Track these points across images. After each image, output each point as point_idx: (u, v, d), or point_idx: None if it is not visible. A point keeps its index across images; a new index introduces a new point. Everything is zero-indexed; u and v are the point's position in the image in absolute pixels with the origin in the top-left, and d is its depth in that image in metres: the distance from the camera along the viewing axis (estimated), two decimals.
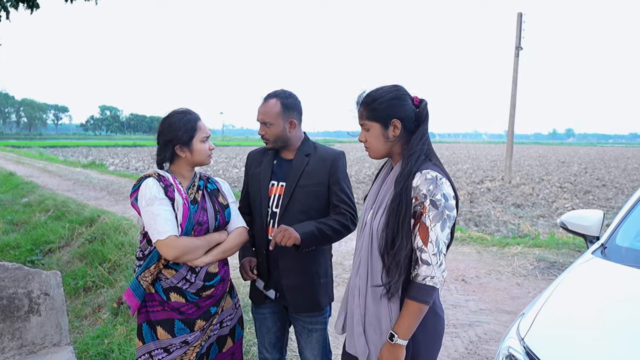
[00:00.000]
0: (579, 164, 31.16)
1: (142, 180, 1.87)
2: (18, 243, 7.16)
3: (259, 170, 2.19)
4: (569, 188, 16.01)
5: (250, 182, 2.24)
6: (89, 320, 4.68)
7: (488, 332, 3.77)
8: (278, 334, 2.28)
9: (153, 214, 1.79)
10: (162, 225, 1.78)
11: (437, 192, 1.48)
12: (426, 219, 1.48)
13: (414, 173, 1.53)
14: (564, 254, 6.04)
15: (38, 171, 17.22)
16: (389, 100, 1.59)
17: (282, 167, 2.16)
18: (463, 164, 29.12)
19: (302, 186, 2.07)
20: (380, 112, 1.60)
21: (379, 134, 1.62)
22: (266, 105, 2.08)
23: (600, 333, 1.70)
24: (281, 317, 2.26)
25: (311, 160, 2.12)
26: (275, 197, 2.11)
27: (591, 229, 2.61)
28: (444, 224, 1.48)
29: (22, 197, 10.79)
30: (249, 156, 2.30)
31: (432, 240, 1.47)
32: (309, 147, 2.17)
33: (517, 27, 17.90)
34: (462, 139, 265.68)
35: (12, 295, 2.39)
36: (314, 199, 2.08)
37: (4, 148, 38.79)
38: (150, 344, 1.88)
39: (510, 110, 18.38)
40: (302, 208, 2.06)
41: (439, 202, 1.48)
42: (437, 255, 1.47)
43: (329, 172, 2.10)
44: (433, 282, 1.47)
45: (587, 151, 65.14)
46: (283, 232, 1.86)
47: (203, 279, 1.91)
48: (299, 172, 2.09)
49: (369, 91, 1.66)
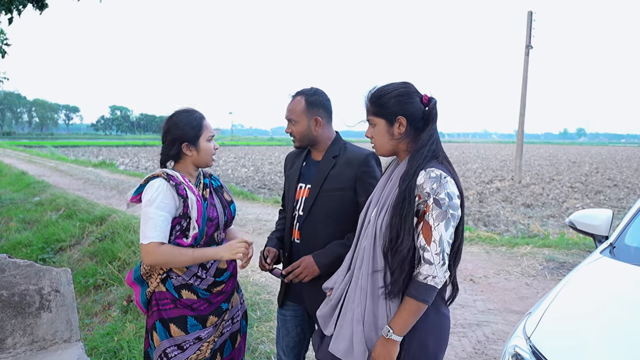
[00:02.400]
0: (590, 163, 30.83)
1: (151, 180, 1.86)
2: (30, 241, 7.25)
3: (291, 172, 2.19)
4: (580, 188, 15.85)
5: (285, 183, 2.25)
6: (99, 318, 4.74)
7: (496, 332, 3.75)
8: (297, 338, 2.23)
9: (147, 216, 1.79)
10: (150, 230, 1.77)
11: (441, 190, 1.46)
12: (429, 217, 1.46)
13: (419, 171, 1.51)
14: (574, 254, 5.99)
15: (49, 170, 17.42)
16: (396, 96, 1.58)
17: (309, 168, 2.12)
18: (472, 164, 28.95)
19: (327, 190, 2.00)
20: (386, 109, 1.59)
21: (384, 131, 1.61)
22: (292, 103, 2.07)
23: (607, 332, 1.69)
24: (302, 322, 2.22)
25: (338, 162, 2.04)
26: (301, 200, 2.07)
27: (600, 229, 2.59)
28: (448, 224, 1.46)
29: (34, 196, 10.93)
30: (286, 158, 2.30)
31: (436, 239, 1.44)
32: (337, 148, 2.08)
33: (528, 25, 17.78)
34: (472, 139, 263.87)
35: (23, 291, 2.43)
36: (340, 204, 1.99)
37: (17, 148, 39.30)
38: (164, 342, 1.88)
39: (520, 109, 18.25)
40: (327, 212, 2.00)
41: (443, 201, 1.45)
42: (439, 254, 1.45)
43: (356, 177, 1.99)
44: (434, 281, 1.45)
45: (598, 151, 64.42)
46: (301, 271, 1.93)
47: (214, 274, 1.92)
48: (324, 176, 2.02)
49: (378, 87, 1.64)
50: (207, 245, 1.93)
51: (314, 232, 2.03)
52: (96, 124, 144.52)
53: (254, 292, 4.40)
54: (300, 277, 1.95)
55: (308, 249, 2.02)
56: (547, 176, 20.49)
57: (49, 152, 31.80)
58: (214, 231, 1.95)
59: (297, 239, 2.08)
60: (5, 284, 2.37)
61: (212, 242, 1.95)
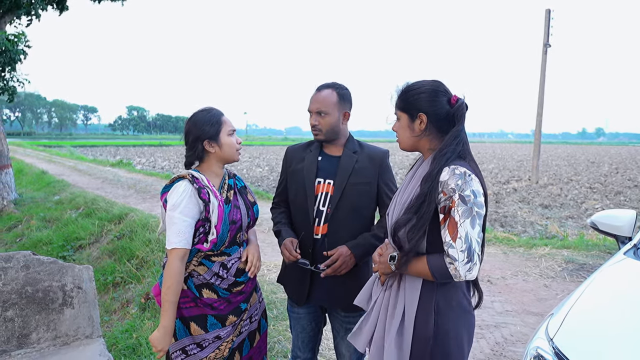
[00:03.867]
0: (610, 164, 30.24)
1: (176, 182, 1.87)
2: (50, 239, 7.39)
3: (302, 166, 2.13)
4: (599, 189, 15.57)
5: (291, 178, 2.18)
6: (117, 315, 4.81)
7: (514, 333, 3.71)
8: (312, 333, 2.25)
9: (171, 221, 1.82)
10: (174, 235, 1.80)
11: (466, 187, 1.44)
12: (455, 213, 1.44)
13: (443, 168, 1.50)
14: (594, 255, 5.90)
15: (69, 170, 17.73)
16: (420, 93, 1.59)
17: (328, 163, 2.11)
18: (488, 164, 28.64)
19: (353, 184, 2.03)
20: (410, 104, 1.60)
21: (406, 125, 1.63)
22: (322, 95, 2.06)
23: (631, 335, 1.66)
24: (316, 317, 2.24)
25: (360, 157, 2.08)
26: (322, 195, 2.07)
27: (623, 229, 2.55)
28: (474, 221, 1.44)
29: (54, 194, 11.14)
30: (289, 152, 2.25)
31: (461, 236, 1.42)
32: (354, 144, 2.13)
33: (546, 24, 17.52)
34: (488, 139, 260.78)
35: (47, 288, 2.48)
36: (365, 198, 2.05)
37: (37, 147, 40.05)
38: (184, 339, 1.90)
39: (538, 109, 17.99)
40: (352, 206, 2.03)
41: (468, 198, 1.44)
42: (464, 252, 1.42)
43: (379, 171, 2.08)
44: (454, 273, 1.44)
45: (618, 151, 63.20)
46: (340, 264, 1.95)
47: (234, 274, 1.94)
48: (349, 170, 2.04)
49: (410, 82, 1.65)
50: (230, 245, 1.94)
51: (342, 227, 2.04)
52: (113, 124, 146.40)
53: (270, 291, 4.42)
54: (338, 271, 1.98)
55: (337, 244, 2.02)
56: (565, 176, 20.16)
57: (68, 152, 32.36)
58: (236, 233, 1.96)
59: (320, 235, 2.06)
60: (30, 280, 2.43)
61: (234, 243, 1.96)
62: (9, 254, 2.38)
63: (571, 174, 21.80)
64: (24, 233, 8.23)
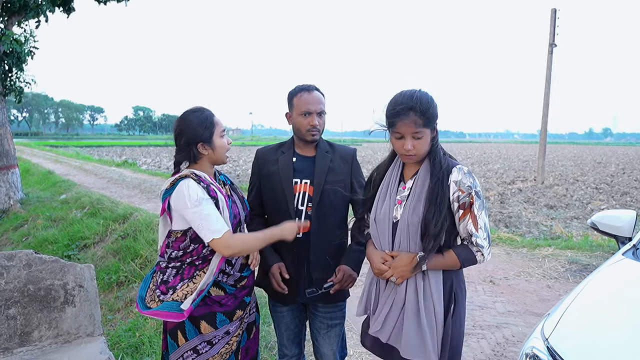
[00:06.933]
0: (617, 164, 29.99)
1: (179, 181, 1.84)
2: (56, 238, 7.46)
3: (276, 168, 2.14)
4: (605, 189, 15.44)
5: (265, 181, 2.17)
6: (121, 314, 4.85)
7: (516, 334, 3.70)
8: (296, 330, 2.30)
9: (203, 214, 1.77)
10: (214, 223, 1.77)
11: (476, 183, 1.67)
12: (474, 208, 1.65)
13: (450, 168, 1.68)
14: (598, 256, 5.87)
15: (75, 170, 17.85)
16: (434, 106, 1.67)
17: (304, 164, 2.15)
18: (494, 164, 28.51)
19: (330, 183, 2.10)
20: (432, 119, 1.66)
21: (428, 140, 1.69)
22: (317, 95, 2.09)
23: (627, 335, 1.66)
24: (299, 314, 2.28)
25: (333, 157, 2.16)
26: (300, 195, 2.10)
27: (623, 230, 2.54)
28: (485, 212, 1.68)
29: (60, 194, 11.22)
30: (259, 155, 2.24)
31: (482, 226, 1.66)
32: (325, 144, 2.20)
33: (551, 23, 17.41)
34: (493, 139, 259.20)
35: (49, 286, 2.51)
36: (340, 196, 2.11)
37: (44, 147, 40.33)
38: (194, 339, 1.90)
39: (544, 109, 17.88)
40: (331, 204, 2.11)
41: (480, 193, 1.67)
42: (486, 239, 1.67)
43: (351, 169, 2.19)
44: (480, 258, 1.68)
45: (625, 151, 62.66)
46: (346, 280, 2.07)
47: (239, 269, 1.97)
48: (325, 169, 2.11)
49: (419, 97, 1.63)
50: None
51: (324, 225, 2.10)
52: (120, 124, 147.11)
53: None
54: (346, 285, 2.11)
55: (320, 241, 2.09)
56: (571, 177, 20.03)
57: (74, 152, 32.56)
58: (237, 227, 1.98)
59: (301, 234, 2.09)
60: (32, 279, 2.46)
61: None
62: (12, 253, 2.40)
63: (577, 174, 21.65)
64: (30, 232, 8.30)
